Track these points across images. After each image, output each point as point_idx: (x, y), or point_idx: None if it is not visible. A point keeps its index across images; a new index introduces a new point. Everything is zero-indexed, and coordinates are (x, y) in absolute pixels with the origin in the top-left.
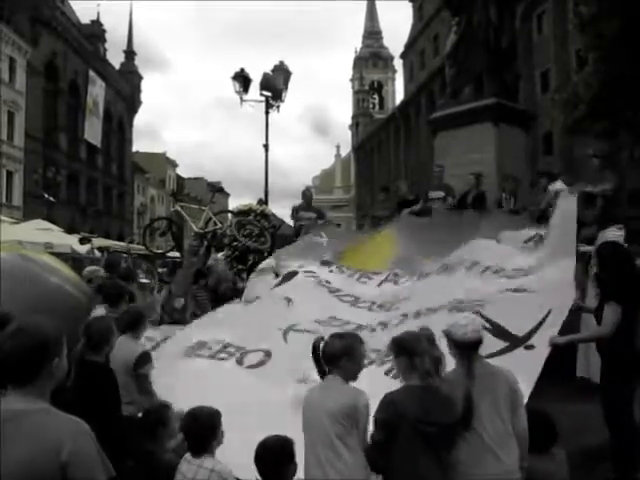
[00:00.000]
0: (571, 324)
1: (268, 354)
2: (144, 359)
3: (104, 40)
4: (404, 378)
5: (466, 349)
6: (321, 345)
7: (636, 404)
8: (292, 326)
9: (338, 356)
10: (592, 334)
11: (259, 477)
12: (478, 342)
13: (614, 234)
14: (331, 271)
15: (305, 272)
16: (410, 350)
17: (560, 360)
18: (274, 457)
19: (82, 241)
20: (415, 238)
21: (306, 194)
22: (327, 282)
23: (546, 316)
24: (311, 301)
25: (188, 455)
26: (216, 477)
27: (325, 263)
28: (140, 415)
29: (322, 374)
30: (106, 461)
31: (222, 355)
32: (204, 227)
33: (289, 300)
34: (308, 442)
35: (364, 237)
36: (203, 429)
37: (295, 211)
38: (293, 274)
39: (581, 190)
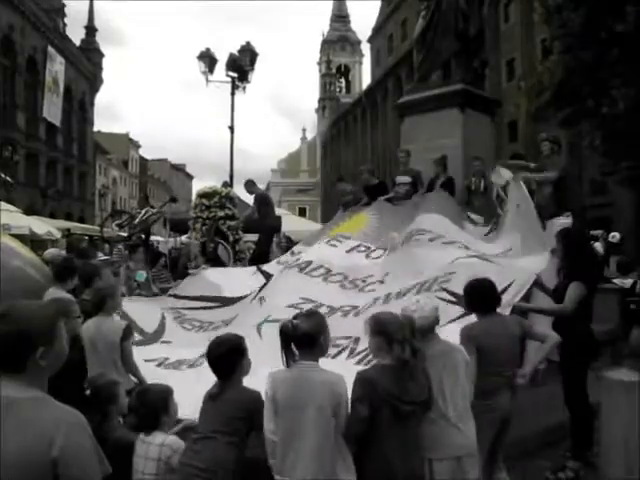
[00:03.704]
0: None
1: None
2: (130, 331)
3: (64, 15)
4: (376, 356)
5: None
6: (290, 327)
7: (589, 384)
8: (266, 318)
9: (315, 335)
10: (555, 309)
11: None
12: (428, 326)
13: (563, 222)
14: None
15: (278, 263)
16: (390, 334)
17: None
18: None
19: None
20: (386, 217)
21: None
22: (296, 260)
23: (508, 286)
24: (281, 288)
25: (142, 435)
26: (167, 450)
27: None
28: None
29: (291, 359)
30: (102, 457)
31: (201, 360)
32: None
33: (262, 299)
34: (287, 433)
35: (344, 217)
36: (152, 406)
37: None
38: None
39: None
